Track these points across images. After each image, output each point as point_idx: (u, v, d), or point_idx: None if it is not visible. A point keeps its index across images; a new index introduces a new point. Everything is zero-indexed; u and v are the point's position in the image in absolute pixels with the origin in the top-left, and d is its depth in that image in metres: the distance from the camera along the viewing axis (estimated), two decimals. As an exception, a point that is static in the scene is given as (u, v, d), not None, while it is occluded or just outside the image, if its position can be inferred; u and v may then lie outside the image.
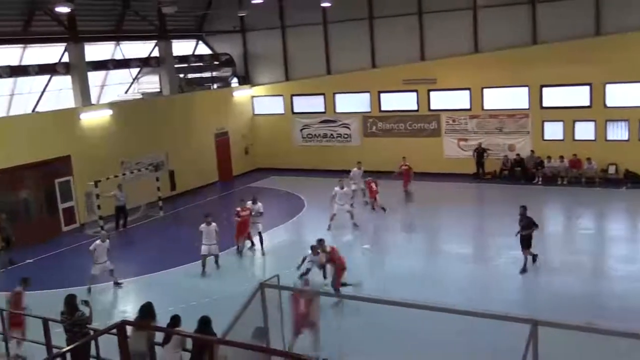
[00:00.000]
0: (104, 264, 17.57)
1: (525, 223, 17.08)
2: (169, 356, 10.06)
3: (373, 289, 13.38)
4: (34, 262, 20.60)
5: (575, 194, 25.58)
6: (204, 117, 31.28)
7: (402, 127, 30.70)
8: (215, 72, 33.90)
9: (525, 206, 17.52)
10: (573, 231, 21.98)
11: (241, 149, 33.84)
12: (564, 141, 27.20)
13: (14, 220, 21.74)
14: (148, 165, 27.18)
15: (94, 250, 17.49)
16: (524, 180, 27.46)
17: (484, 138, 28.71)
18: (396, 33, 30.03)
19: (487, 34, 28.18)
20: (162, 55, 30.12)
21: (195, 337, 9.62)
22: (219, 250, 18.88)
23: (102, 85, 29.88)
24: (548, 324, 6.66)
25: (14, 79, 25.38)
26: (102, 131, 26.06)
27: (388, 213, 23.40)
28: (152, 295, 15.39)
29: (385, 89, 30.84)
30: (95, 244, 17.68)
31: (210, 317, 10.24)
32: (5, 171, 22.43)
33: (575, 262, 17.94)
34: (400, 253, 19.98)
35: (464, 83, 28.87)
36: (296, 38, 32.75)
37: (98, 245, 17.54)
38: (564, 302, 14.80)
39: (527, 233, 17.00)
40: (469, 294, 15.80)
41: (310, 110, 33.07)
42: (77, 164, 24.79)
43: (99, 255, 17.48)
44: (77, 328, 10.86)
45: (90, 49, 26.82)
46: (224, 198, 29.13)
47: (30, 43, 25.81)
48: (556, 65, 26.58)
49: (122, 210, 24.47)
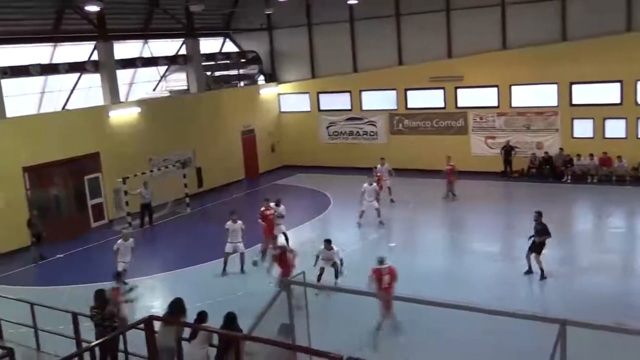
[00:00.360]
0: (126, 263, 17.40)
1: (541, 229, 16.45)
2: (196, 352, 10.14)
3: (399, 288, 13.31)
4: (63, 258, 20.91)
5: (606, 192, 25.21)
6: (231, 115, 31.44)
7: (428, 125, 30.53)
8: (242, 69, 34.06)
9: (540, 212, 16.79)
10: (603, 230, 21.66)
11: (267, 146, 33.95)
12: (593, 139, 26.81)
13: (44, 217, 22.09)
14: (175, 162, 27.43)
15: (117, 250, 17.42)
16: (552, 178, 27.13)
17: (511, 136, 28.43)
18: (423, 30, 29.84)
19: (515, 30, 27.87)
20: (189, 53, 30.33)
21: (222, 333, 9.68)
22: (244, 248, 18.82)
23: (130, 83, 30.19)
24: (577, 324, 6.57)
25: (45, 77, 25.76)
26: (131, 128, 26.35)
27: (415, 211, 23.29)
28: (178, 291, 15.53)
29: (412, 86, 30.69)
30: (117, 243, 17.58)
31: (236, 313, 10.30)
32: (36, 168, 22.83)
33: (605, 261, 17.70)
34: (427, 251, 19.90)
35: (491, 80, 28.61)
36: (323, 35, 32.73)
37: (121, 245, 17.47)
38: (593, 301, 14.60)
39: (541, 240, 16.37)
40: (497, 293, 15.68)
41: (337, 107, 33.05)
42: (106, 161, 25.10)
43: (122, 254, 17.41)
44: (108, 322, 11.01)
45: (119, 47, 27.12)
46: (250, 195, 29.26)
47: (60, 41, 26.17)
48: (586, 62, 26.22)
49: (147, 207, 24.69)
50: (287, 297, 8.53)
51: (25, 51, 25.06)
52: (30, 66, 23.78)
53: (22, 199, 22.24)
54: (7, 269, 20.13)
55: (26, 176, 22.47)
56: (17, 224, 21.17)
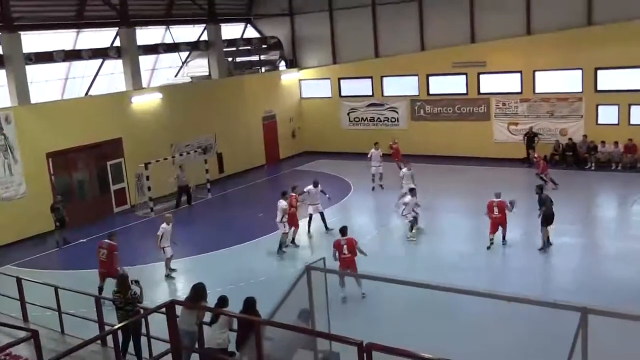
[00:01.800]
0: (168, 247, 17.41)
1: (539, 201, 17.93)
2: (216, 336, 10.22)
3: (419, 274, 13.32)
4: (86, 242, 21.16)
5: (630, 179, 24.85)
6: (252, 101, 31.47)
7: (450, 111, 30.29)
8: (263, 55, 34.03)
9: (541, 186, 18.73)
10: (628, 217, 21.38)
11: (288, 132, 33.96)
12: (618, 125, 26.40)
13: (68, 201, 22.38)
14: (197, 148, 27.57)
15: (162, 235, 17.27)
16: (575, 165, 26.82)
17: (534, 122, 28.11)
18: (446, 15, 29.53)
19: (539, 14, 27.44)
20: (211, 39, 30.36)
21: (242, 318, 9.74)
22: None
23: (152, 69, 30.34)
24: (599, 312, 6.51)
25: (68, 64, 25.98)
26: (152, 114, 26.50)
27: (434, 197, 23.14)
28: (200, 276, 15.66)
29: (434, 72, 30.44)
30: (162, 227, 17.36)
31: (257, 298, 10.36)
32: (60, 154, 23.10)
33: (630, 249, 17.46)
34: (447, 238, 19.80)
35: (515, 66, 28.25)
36: (344, 21, 32.54)
37: (165, 229, 17.34)
38: (617, 289, 14.44)
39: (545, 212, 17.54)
40: (517, 280, 15.60)
41: (358, 93, 32.93)
42: (128, 147, 25.30)
43: (165, 239, 17.32)
44: (130, 306, 11.13)
45: (141, 33, 27.22)
46: (271, 181, 29.33)
47: (83, 28, 26.36)
48: (612, 47, 25.77)
49: (183, 189, 25.27)
50: (307, 283, 8.56)
51: (48, 37, 25.30)
52: (54, 52, 24.01)
53: (47, 185, 22.53)
54: (31, 252, 20.48)
55: (50, 162, 22.75)
56: (41, 209, 21.46)
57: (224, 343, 10.32)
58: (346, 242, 14.92)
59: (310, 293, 8.63)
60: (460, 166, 27.90)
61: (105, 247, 15.54)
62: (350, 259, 14.82)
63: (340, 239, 15.02)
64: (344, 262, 14.79)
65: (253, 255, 18.92)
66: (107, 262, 15.43)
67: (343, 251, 14.83)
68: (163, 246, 17.35)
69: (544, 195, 17.98)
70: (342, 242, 14.94)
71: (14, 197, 21.54)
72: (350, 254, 14.81)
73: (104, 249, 15.58)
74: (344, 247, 14.84)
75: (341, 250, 14.85)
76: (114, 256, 15.45)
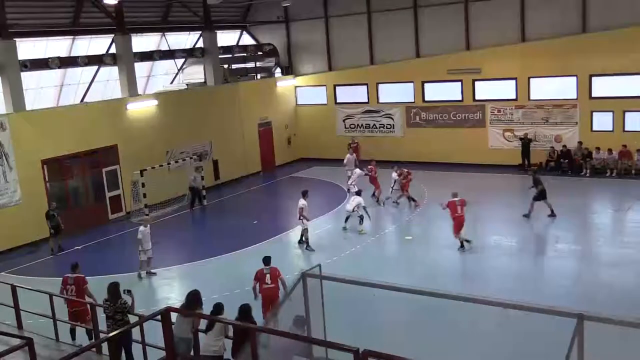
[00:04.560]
0: (148, 250, 17.78)
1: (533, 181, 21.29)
2: (212, 343, 10.20)
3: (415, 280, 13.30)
4: (81, 249, 21.10)
5: (625, 186, 24.92)
6: (248, 107, 31.47)
7: (445, 118, 30.35)
8: (259, 62, 34.05)
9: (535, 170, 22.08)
10: (622, 223, 21.42)
11: (284, 139, 33.97)
12: (613, 132, 26.49)
13: (63, 208, 22.30)
14: (192, 154, 27.55)
15: (142, 238, 17.67)
16: (571, 172, 26.87)
17: (530, 129, 28.18)
18: (441, 22, 29.64)
19: (534, 22, 27.57)
20: (206, 46, 30.38)
21: (237, 325, 9.71)
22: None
23: (148, 75, 30.34)
24: (595, 319, 6.51)
25: (64, 70, 25.95)
26: (148, 121, 26.48)
27: (430, 204, 23.17)
28: (195, 283, 15.63)
29: (429, 78, 30.51)
30: (140, 230, 17.85)
31: (252, 305, 10.33)
32: (55, 160, 23.06)
33: (625, 255, 17.50)
34: (444, 244, 19.79)
35: (510, 73, 28.35)
36: (340, 28, 32.63)
37: (143, 232, 17.75)
38: (613, 295, 14.46)
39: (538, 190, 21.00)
40: (512, 286, 15.60)
41: (353, 100, 32.97)
42: (124, 154, 25.26)
43: (145, 242, 17.71)
44: (119, 315, 11.07)
45: (136, 40, 27.24)
46: (266, 188, 29.31)
47: (79, 35, 26.36)
48: (606, 54, 25.90)
49: (195, 191, 25.89)
50: (304, 290, 8.54)
51: (44, 44, 25.28)
52: (50, 59, 24.00)
53: (42, 191, 22.45)
54: (26, 260, 20.41)
55: (45, 168, 22.69)
56: (36, 216, 21.38)
57: (220, 350, 10.30)
58: (269, 272, 13.72)
59: (306, 300, 8.62)
60: (456, 172, 27.90)
61: (71, 283, 13.14)
62: (274, 290, 13.52)
63: (263, 269, 13.78)
64: (266, 292, 13.45)
65: (248, 262, 18.78)
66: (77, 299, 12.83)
67: (266, 281, 13.57)
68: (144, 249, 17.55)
69: (537, 176, 21.37)
70: (264, 272, 13.71)
71: (9, 204, 21.45)
72: (273, 284, 13.55)
73: (70, 285, 13.14)
74: (266, 277, 13.61)
75: (263, 281, 13.61)
76: (85, 290, 13.08)
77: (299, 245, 19.71)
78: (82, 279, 13.16)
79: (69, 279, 13.18)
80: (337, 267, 16.17)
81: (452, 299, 7.69)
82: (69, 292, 13.02)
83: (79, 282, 13.07)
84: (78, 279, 13.11)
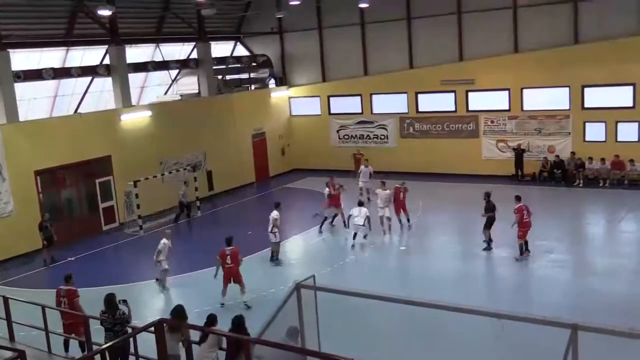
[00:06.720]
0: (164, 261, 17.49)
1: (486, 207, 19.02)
2: (205, 355, 10.13)
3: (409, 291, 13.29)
4: (75, 260, 20.99)
5: (618, 196, 25.01)
6: (242, 118, 31.48)
7: (439, 128, 30.44)
8: (253, 73, 34.12)
9: (488, 192, 19.29)
10: (615, 233, 21.48)
11: (278, 149, 33.99)
12: (606, 142, 26.62)
13: (56, 219, 22.21)
14: (186, 165, 27.52)
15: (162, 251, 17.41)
16: (564, 182, 26.96)
17: (523, 139, 28.30)
18: (434, 33, 29.80)
19: (527, 33, 27.75)
20: (200, 57, 30.43)
21: (230, 337, 9.66)
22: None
23: (142, 86, 30.34)
24: (588, 329, 6.51)
25: (57, 81, 25.93)
26: (142, 132, 26.45)
27: (424, 214, 23.18)
28: (189, 294, 15.58)
29: (423, 89, 30.62)
30: (163, 242, 17.51)
31: (246, 316, 10.29)
32: (49, 171, 23.00)
33: (618, 265, 17.53)
34: (437, 255, 19.80)
35: (503, 83, 28.49)
36: (333, 39, 32.75)
37: (165, 244, 17.47)
38: (606, 306, 14.46)
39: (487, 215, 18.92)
40: (507, 297, 15.60)
41: (347, 111, 33.03)
42: (117, 164, 25.21)
43: (162, 254, 17.44)
44: (119, 327, 11.01)
45: (130, 51, 27.25)
46: (260, 199, 29.27)
47: (73, 45, 26.36)
48: (598, 65, 26.06)
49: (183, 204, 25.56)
50: (297, 300, 8.51)
51: (38, 55, 25.28)
52: (43, 70, 24.01)
53: (35, 202, 22.36)
54: (19, 271, 20.29)
55: (38, 179, 22.62)
56: (29, 227, 21.28)
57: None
58: (230, 252, 15.60)
59: (300, 310, 8.59)
60: (450, 183, 27.97)
61: (64, 295, 12.91)
62: (235, 269, 15.60)
63: (225, 249, 15.66)
64: (227, 271, 15.55)
65: (243, 273, 18.76)
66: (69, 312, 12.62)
67: (227, 261, 15.52)
68: (160, 259, 17.36)
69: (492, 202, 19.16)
70: (226, 252, 15.61)
71: (1, 215, 21.34)
72: (233, 264, 15.53)
73: (63, 297, 12.90)
74: (227, 257, 15.54)
75: (224, 260, 15.53)
76: (75, 303, 12.82)
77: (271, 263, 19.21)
78: (73, 292, 12.95)
79: (62, 291, 13.02)
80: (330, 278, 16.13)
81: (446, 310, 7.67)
82: (62, 304, 12.84)
83: (70, 295, 12.90)
84: (69, 292, 12.95)
